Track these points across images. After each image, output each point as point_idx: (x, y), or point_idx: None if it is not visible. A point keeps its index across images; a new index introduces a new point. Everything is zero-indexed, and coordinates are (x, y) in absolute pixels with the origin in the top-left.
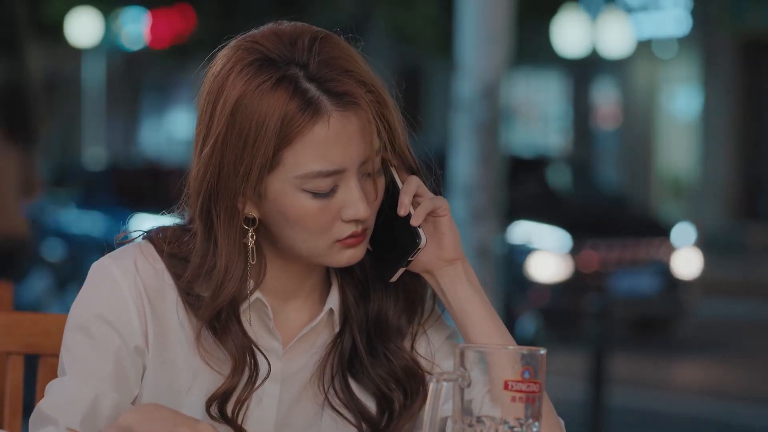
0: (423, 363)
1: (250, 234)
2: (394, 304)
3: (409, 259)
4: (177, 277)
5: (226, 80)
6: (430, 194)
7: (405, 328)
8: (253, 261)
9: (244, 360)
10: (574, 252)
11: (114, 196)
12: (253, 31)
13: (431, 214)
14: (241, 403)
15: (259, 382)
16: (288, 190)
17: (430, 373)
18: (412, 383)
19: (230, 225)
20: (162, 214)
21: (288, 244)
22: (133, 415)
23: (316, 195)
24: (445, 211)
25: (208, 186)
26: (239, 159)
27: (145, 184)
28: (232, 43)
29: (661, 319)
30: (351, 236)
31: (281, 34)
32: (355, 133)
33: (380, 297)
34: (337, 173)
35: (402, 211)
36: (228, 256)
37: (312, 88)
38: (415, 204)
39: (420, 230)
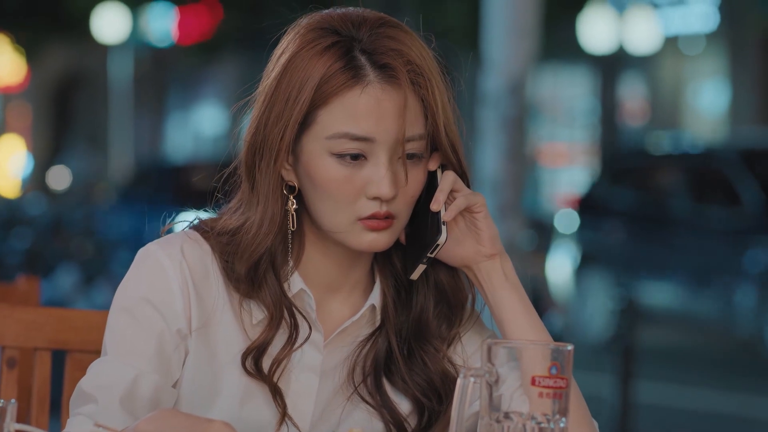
0: (457, 367)
1: (290, 201)
2: (435, 308)
3: (429, 255)
4: (222, 256)
5: (289, 44)
6: (468, 190)
7: (444, 333)
8: (293, 228)
9: (281, 313)
10: None
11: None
12: (322, 11)
13: (466, 211)
14: (278, 362)
15: (298, 343)
16: (318, 152)
17: None
18: (447, 388)
19: (269, 180)
20: (213, 209)
21: (316, 216)
22: (150, 422)
23: (342, 162)
24: (481, 208)
25: (254, 141)
26: (280, 115)
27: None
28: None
29: None
30: (373, 217)
31: (348, 15)
32: (394, 109)
33: (422, 299)
34: (365, 141)
35: (434, 207)
36: (263, 210)
37: (360, 57)
38: (450, 200)
39: (444, 227)
